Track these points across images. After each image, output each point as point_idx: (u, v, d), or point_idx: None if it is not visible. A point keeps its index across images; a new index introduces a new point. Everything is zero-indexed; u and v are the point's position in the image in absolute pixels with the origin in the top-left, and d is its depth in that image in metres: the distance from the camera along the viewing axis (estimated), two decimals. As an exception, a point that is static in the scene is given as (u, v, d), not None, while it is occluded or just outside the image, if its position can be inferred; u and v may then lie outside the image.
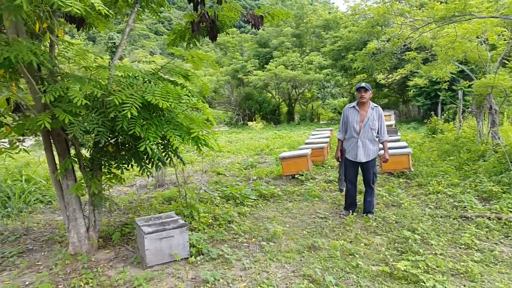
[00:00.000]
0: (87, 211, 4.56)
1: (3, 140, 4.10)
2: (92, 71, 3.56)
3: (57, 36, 3.58)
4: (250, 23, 5.55)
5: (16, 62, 2.95)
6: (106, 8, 2.79)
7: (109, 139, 4.13)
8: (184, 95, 3.62)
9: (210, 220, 5.05)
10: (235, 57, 30.98)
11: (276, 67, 26.13)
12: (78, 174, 4.50)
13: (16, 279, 3.80)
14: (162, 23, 65.84)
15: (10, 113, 4.34)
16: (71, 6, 2.32)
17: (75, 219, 4.33)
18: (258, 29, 5.74)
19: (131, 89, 3.45)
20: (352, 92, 28.29)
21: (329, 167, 8.81)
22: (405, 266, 3.57)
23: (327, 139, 10.70)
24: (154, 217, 4.39)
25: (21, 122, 3.91)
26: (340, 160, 5.39)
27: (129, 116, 3.23)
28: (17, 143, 4.30)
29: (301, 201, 6.24)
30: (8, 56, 2.74)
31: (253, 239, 4.52)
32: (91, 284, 3.56)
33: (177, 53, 4.29)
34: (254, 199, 6.19)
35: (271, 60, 28.11)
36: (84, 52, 3.48)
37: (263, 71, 27.06)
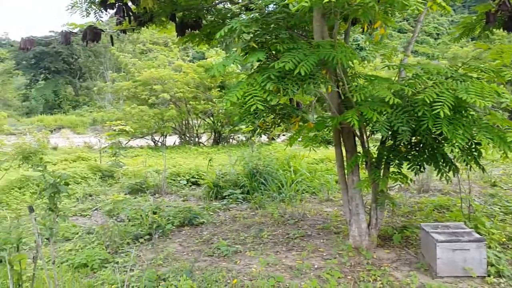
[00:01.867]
0: (367, 208, 4.65)
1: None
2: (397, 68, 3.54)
3: (382, 35, 3.74)
4: None
5: (336, 62, 3.21)
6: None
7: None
8: (502, 93, 3.15)
9: (504, 239, 4.33)
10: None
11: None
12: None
13: (305, 260, 4.22)
14: (407, 21, 62.83)
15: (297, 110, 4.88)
16: (414, 5, 2.29)
17: (357, 214, 4.48)
18: None
19: (441, 87, 3.24)
20: None
21: None
22: None
23: None
24: (442, 225, 4.07)
25: (321, 119, 4.31)
26: None
27: (442, 115, 3.04)
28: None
29: None
30: (340, 57, 3.00)
31: None
32: (380, 282, 3.58)
33: (484, 48, 3.81)
34: (556, 222, 4.99)
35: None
36: (391, 51, 3.49)
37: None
